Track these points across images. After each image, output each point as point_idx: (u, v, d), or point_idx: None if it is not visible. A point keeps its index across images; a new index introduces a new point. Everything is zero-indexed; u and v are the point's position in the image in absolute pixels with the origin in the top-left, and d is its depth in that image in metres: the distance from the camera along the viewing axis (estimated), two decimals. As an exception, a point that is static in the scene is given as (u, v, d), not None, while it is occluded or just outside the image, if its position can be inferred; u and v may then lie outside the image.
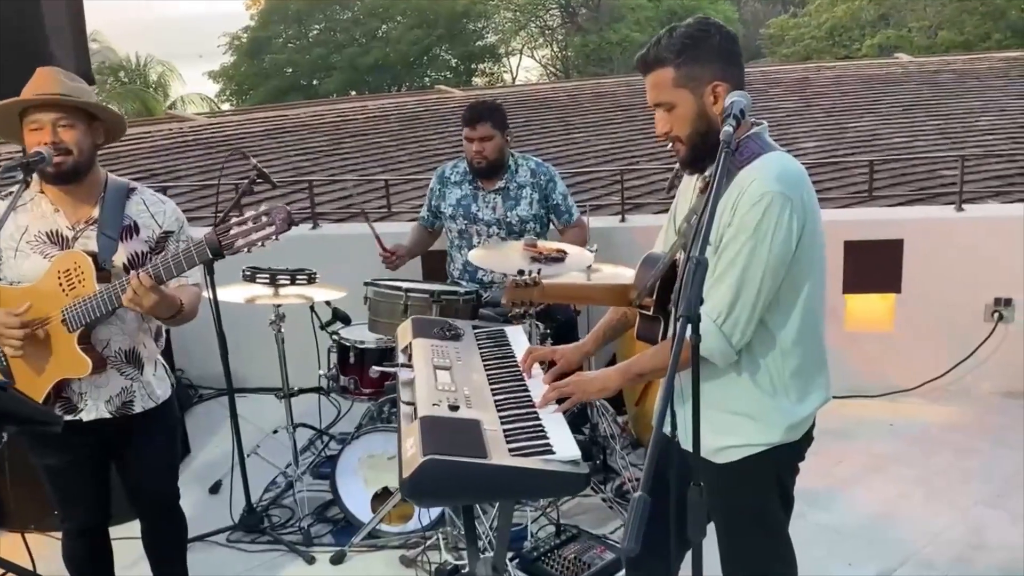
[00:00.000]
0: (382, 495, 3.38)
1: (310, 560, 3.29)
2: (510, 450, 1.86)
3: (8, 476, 2.64)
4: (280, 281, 3.43)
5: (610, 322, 2.31)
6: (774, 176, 1.85)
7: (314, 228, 5.03)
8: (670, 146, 1.98)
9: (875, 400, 4.44)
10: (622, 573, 2.93)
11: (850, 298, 4.55)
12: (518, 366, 2.26)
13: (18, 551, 2.42)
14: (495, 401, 2.08)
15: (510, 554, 3.11)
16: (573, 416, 3.46)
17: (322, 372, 3.73)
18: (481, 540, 3.13)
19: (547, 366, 2.26)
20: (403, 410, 2.04)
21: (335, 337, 3.69)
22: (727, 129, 1.67)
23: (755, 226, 1.84)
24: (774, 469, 2.05)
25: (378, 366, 3.36)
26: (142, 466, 2.60)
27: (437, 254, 4.27)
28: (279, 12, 28.23)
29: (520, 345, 2.42)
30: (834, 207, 5.65)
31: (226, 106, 25.09)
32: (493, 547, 2.79)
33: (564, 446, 1.88)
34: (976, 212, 4.73)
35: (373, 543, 3.32)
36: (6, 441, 2.05)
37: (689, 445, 1.60)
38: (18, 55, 3.14)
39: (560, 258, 3.30)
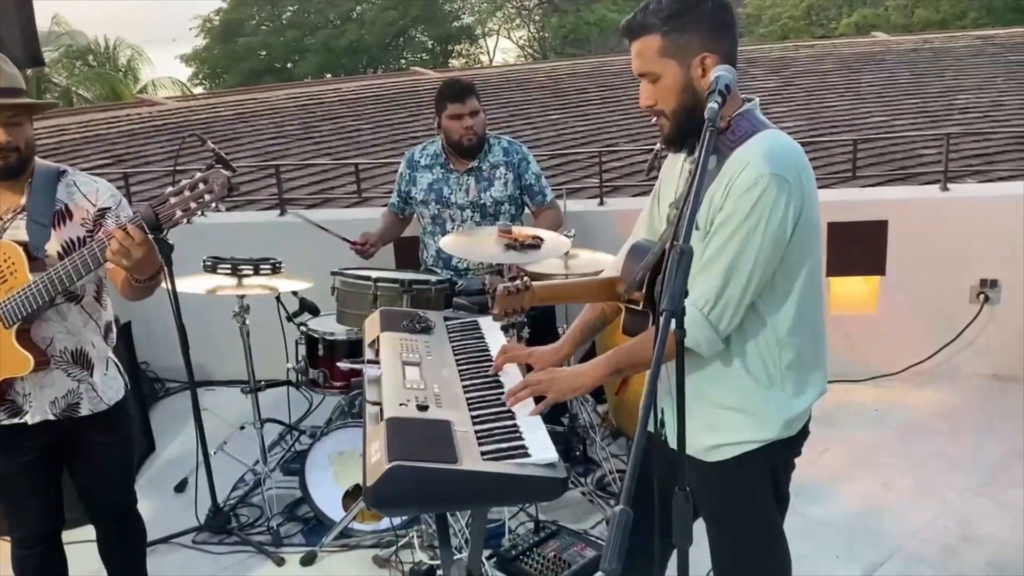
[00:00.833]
0: (354, 492, 3.25)
1: (280, 562, 3.17)
2: (482, 453, 1.74)
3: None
4: (243, 271, 3.28)
5: (587, 321, 2.17)
6: (769, 157, 1.73)
7: (281, 215, 4.84)
8: (654, 120, 1.85)
9: (859, 385, 4.36)
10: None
11: (834, 281, 4.46)
12: (492, 361, 2.13)
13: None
14: (467, 400, 1.97)
15: (487, 552, 3.00)
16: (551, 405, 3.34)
17: (290, 365, 3.59)
18: (456, 538, 3.02)
19: (525, 369, 2.13)
20: (369, 410, 1.92)
21: (303, 329, 3.54)
22: (712, 106, 1.54)
23: (748, 212, 1.72)
24: (769, 467, 1.94)
25: (348, 359, 3.24)
26: (94, 472, 2.46)
27: (410, 240, 4.12)
28: (252, -7, 27.79)
29: (495, 338, 2.29)
30: (817, 188, 5.52)
31: (199, 90, 24.62)
32: (468, 545, 2.67)
33: (540, 448, 1.77)
34: (961, 192, 4.64)
35: (345, 543, 3.21)
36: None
37: (675, 444, 1.48)
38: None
39: (536, 245, 3.15)
